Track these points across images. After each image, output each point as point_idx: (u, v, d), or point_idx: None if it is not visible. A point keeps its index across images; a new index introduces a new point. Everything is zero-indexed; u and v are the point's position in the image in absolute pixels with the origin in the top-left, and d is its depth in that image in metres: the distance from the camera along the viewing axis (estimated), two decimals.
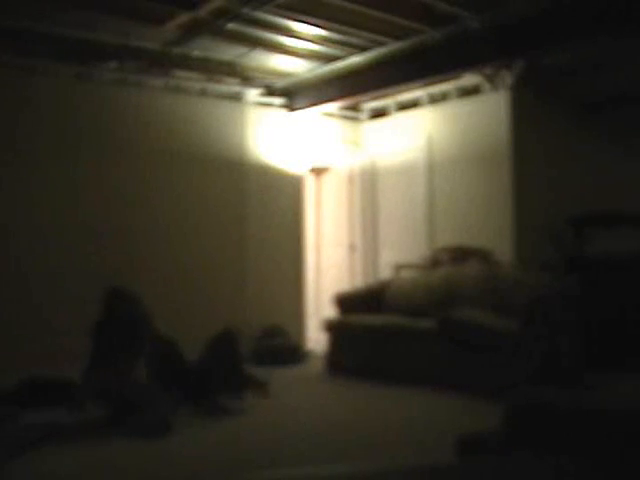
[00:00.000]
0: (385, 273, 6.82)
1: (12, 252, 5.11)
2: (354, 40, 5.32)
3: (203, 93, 6.19)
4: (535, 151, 6.06)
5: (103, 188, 5.59)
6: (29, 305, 5.14)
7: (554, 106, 6.27)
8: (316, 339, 6.69)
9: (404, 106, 6.87)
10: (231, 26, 4.93)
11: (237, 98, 6.40)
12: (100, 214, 5.54)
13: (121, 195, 5.65)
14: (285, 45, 5.43)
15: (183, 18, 4.79)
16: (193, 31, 5.04)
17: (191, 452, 3.63)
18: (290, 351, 6.21)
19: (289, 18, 4.82)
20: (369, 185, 7.19)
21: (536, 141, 6.08)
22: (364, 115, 7.31)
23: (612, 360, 4.99)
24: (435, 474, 1.88)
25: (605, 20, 4.43)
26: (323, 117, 7.02)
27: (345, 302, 5.96)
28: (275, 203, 6.65)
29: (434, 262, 6.10)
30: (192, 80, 6.02)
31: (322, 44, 5.40)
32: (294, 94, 6.61)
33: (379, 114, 7.16)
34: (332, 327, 5.79)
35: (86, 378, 4.19)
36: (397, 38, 5.27)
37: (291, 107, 6.68)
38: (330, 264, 7.56)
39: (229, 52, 5.61)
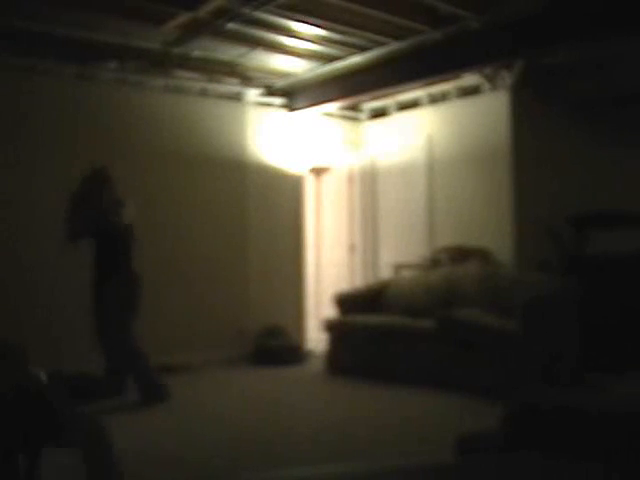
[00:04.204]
0: (385, 273, 6.82)
1: (11, 252, 5.10)
2: (354, 40, 5.32)
3: (203, 93, 6.19)
4: (535, 151, 6.06)
5: None
6: (29, 304, 5.14)
7: (554, 106, 6.27)
8: (316, 339, 6.69)
9: (404, 106, 6.87)
10: (231, 26, 4.92)
11: (237, 98, 6.40)
12: None
13: (121, 195, 5.64)
14: (285, 45, 5.43)
15: (183, 18, 4.79)
16: (193, 31, 5.04)
17: (190, 451, 3.63)
18: (290, 351, 6.21)
19: (289, 18, 4.82)
20: (369, 185, 7.19)
21: (536, 141, 6.08)
22: (364, 115, 7.31)
23: (612, 360, 4.98)
24: (435, 474, 1.88)
25: (605, 20, 4.43)
26: (323, 117, 7.01)
27: (345, 302, 5.96)
28: (275, 203, 6.65)
29: (434, 262, 6.11)
30: (192, 80, 6.02)
31: (322, 44, 5.40)
32: (294, 94, 6.61)
33: (379, 114, 7.16)
34: (332, 327, 5.79)
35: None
36: (397, 38, 5.27)
37: (291, 107, 6.68)
38: (330, 264, 7.56)
39: (229, 52, 5.61)
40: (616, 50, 5.29)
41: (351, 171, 7.37)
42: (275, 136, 6.65)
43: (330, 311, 6.24)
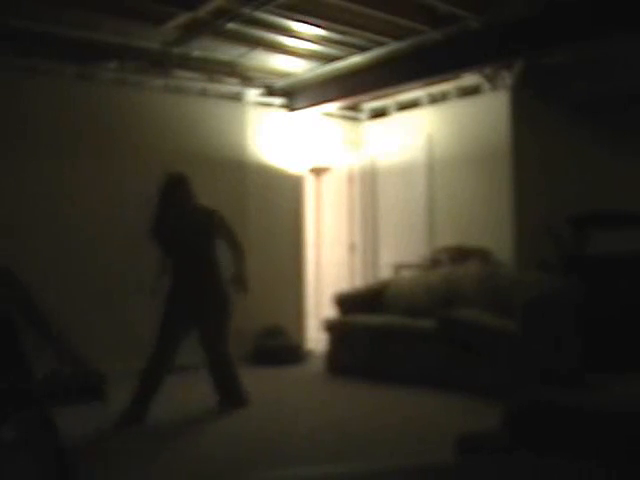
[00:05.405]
0: (385, 273, 6.82)
1: (9, 251, 5.10)
2: (354, 40, 5.32)
3: (203, 93, 6.19)
4: (535, 151, 6.06)
5: (103, 188, 5.58)
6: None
7: (554, 106, 6.27)
8: (316, 339, 6.69)
9: (404, 106, 6.87)
10: (231, 26, 4.93)
11: (237, 98, 6.40)
12: (100, 214, 5.53)
13: (121, 195, 5.65)
14: (285, 45, 5.43)
15: (183, 18, 4.79)
16: (193, 31, 5.04)
17: (190, 451, 3.63)
18: (290, 351, 6.21)
19: (289, 18, 4.82)
20: (369, 185, 7.19)
21: (536, 141, 6.08)
22: (364, 115, 7.31)
23: (613, 360, 4.98)
24: (435, 474, 1.88)
25: (605, 20, 4.43)
26: (323, 117, 7.01)
27: (345, 302, 5.96)
28: (275, 203, 6.65)
29: (434, 262, 6.11)
30: (192, 80, 6.02)
31: (322, 44, 5.40)
32: (294, 94, 6.61)
33: (379, 114, 7.16)
34: (332, 327, 5.79)
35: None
36: (397, 38, 5.27)
37: (291, 107, 6.68)
38: (330, 264, 7.56)
39: (229, 52, 5.61)
40: (616, 50, 5.29)
41: (351, 171, 7.37)
42: (275, 136, 6.65)
43: (330, 311, 6.24)
